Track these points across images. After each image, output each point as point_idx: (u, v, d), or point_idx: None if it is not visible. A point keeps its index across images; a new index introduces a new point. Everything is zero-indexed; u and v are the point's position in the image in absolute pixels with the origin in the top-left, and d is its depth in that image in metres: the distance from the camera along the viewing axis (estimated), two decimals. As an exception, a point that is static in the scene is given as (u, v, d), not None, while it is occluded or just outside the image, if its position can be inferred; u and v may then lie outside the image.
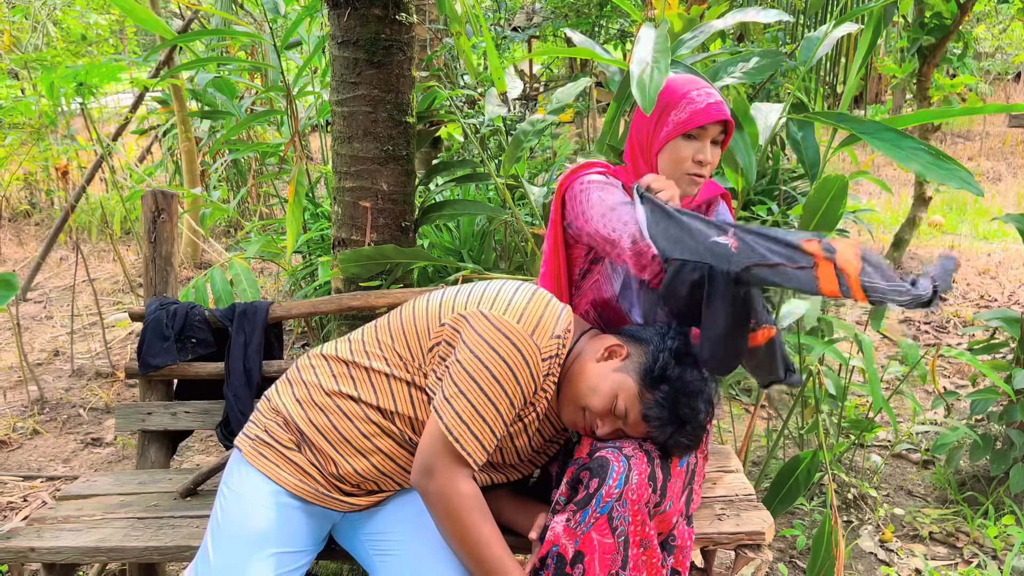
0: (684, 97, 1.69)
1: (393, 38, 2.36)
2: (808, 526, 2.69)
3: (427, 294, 1.70)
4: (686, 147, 1.70)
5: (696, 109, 1.68)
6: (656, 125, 1.73)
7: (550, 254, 1.84)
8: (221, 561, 1.52)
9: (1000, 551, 2.56)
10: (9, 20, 6.01)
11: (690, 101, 1.69)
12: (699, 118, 1.67)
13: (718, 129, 1.71)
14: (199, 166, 5.65)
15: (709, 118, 1.67)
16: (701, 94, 1.69)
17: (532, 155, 4.55)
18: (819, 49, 2.17)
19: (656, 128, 1.73)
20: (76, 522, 1.90)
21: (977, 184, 1.74)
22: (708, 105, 1.68)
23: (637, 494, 1.45)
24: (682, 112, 1.69)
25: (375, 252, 2.40)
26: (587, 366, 1.57)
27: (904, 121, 1.98)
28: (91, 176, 4.72)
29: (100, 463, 3.26)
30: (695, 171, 1.71)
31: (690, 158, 1.70)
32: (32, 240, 6.76)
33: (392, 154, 2.44)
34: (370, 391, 1.59)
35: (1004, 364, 2.79)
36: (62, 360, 4.28)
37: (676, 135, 1.69)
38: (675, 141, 1.70)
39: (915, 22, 4.83)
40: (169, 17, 6.02)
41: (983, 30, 10.27)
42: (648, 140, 1.75)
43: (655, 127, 1.73)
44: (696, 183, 1.73)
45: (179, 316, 2.28)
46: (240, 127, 3.91)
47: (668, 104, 1.71)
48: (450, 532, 1.46)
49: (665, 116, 1.71)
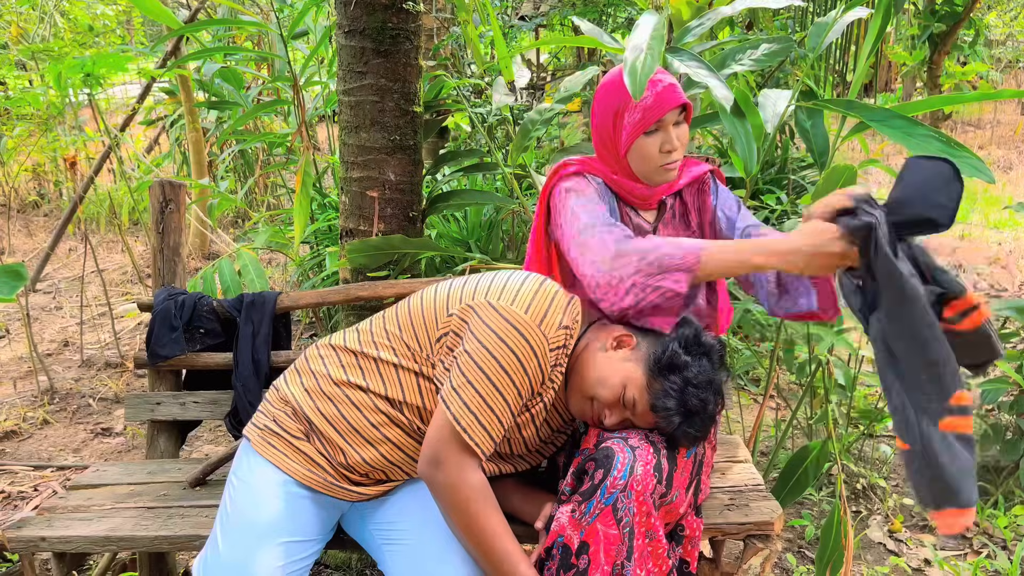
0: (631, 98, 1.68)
1: (400, 27, 2.35)
2: (817, 516, 2.68)
3: (435, 284, 1.70)
4: (649, 143, 1.69)
5: (646, 106, 1.67)
6: (614, 131, 1.73)
7: (533, 255, 1.85)
8: (230, 550, 1.53)
9: (1010, 541, 2.55)
10: (17, 11, 6.02)
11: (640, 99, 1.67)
12: (652, 114, 1.67)
13: (676, 112, 1.69)
14: (206, 156, 5.66)
15: (662, 111, 1.66)
16: (648, 87, 1.67)
17: (539, 144, 4.54)
18: (828, 35, 2.15)
19: (615, 134, 1.73)
20: (86, 511, 1.90)
21: (989, 171, 1.72)
22: (656, 97, 1.66)
23: (642, 485, 1.45)
24: (635, 113, 1.68)
25: (383, 242, 2.39)
26: (595, 356, 1.57)
27: (914, 108, 1.97)
28: (99, 167, 4.73)
29: (110, 453, 3.28)
30: (666, 161, 1.71)
31: (657, 151, 1.70)
32: (41, 231, 6.79)
33: (399, 144, 2.43)
34: (378, 381, 1.59)
35: (1015, 354, 2.77)
36: (72, 350, 4.30)
37: (636, 136, 1.69)
38: (637, 141, 1.70)
39: (926, 9, 4.79)
40: (176, 7, 6.02)
41: (994, 17, 10.18)
42: (612, 144, 1.75)
43: (613, 133, 1.73)
44: (671, 170, 1.73)
45: (187, 307, 2.28)
46: (247, 117, 3.92)
47: (620, 107, 1.70)
48: (457, 523, 1.46)
49: (620, 121, 1.71)
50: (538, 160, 4.12)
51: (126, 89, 8.43)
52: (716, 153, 4.35)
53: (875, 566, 2.44)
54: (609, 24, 5.70)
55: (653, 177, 1.74)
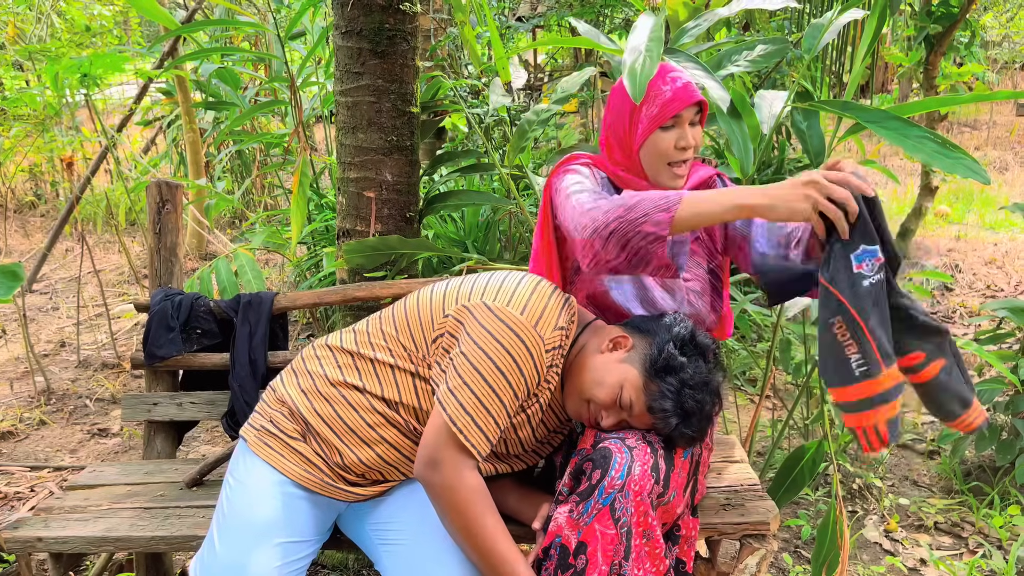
0: (651, 90, 1.69)
1: (397, 28, 2.36)
2: (813, 516, 2.69)
3: (431, 285, 1.70)
4: (665, 138, 1.70)
5: (665, 100, 1.67)
6: (630, 123, 1.73)
7: (539, 251, 1.85)
8: (227, 551, 1.53)
9: (1005, 541, 2.56)
10: (13, 11, 6.01)
11: (658, 93, 1.68)
12: (670, 108, 1.67)
13: (693, 111, 1.70)
14: (203, 157, 5.65)
15: (680, 105, 1.67)
16: (667, 82, 1.69)
17: (536, 145, 4.54)
18: (824, 36, 2.16)
19: (631, 127, 1.73)
20: (83, 512, 1.90)
21: (984, 172, 1.72)
22: (675, 92, 1.67)
23: (640, 485, 1.45)
24: (652, 106, 1.68)
25: (380, 243, 2.39)
26: (591, 357, 1.57)
27: (910, 109, 1.97)
28: (96, 167, 4.73)
29: (106, 453, 3.28)
30: (679, 158, 1.71)
31: (671, 147, 1.70)
32: (38, 231, 6.78)
33: (396, 144, 2.43)
34: (375, 382, 1.60)
35: (1010, 354, 2.78)
36: (68, 351, 4.30)
37: (652, 130, 1.69)
38: (653, 135, 1.70)
39: (922, 10, 4.80)
40: (173, 7, 6.01)
41: (990, 18, 10.19)
42: (626, 138, 1.74)
43: (629, 125, 1.73)
44: (679, 176, 1.73)
45: (184, 307, 2.28)
46: (244, 118, 3.91)
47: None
48: (454, 524, 1.46)
49: (637, 113, 1.71)
50: (535, 161, 4.13)
51: (123, 89, 8.42)
52: (713, 154, 4.36)
53: (871, 566, 2.44)
54: (606, 25, 5.71)
55: (661, 177, 1.73)
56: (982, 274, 5.42)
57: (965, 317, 4.70)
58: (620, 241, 1.50)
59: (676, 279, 1.79)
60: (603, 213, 1.53)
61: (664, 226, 1.48)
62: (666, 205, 1.48)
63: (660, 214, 1.48)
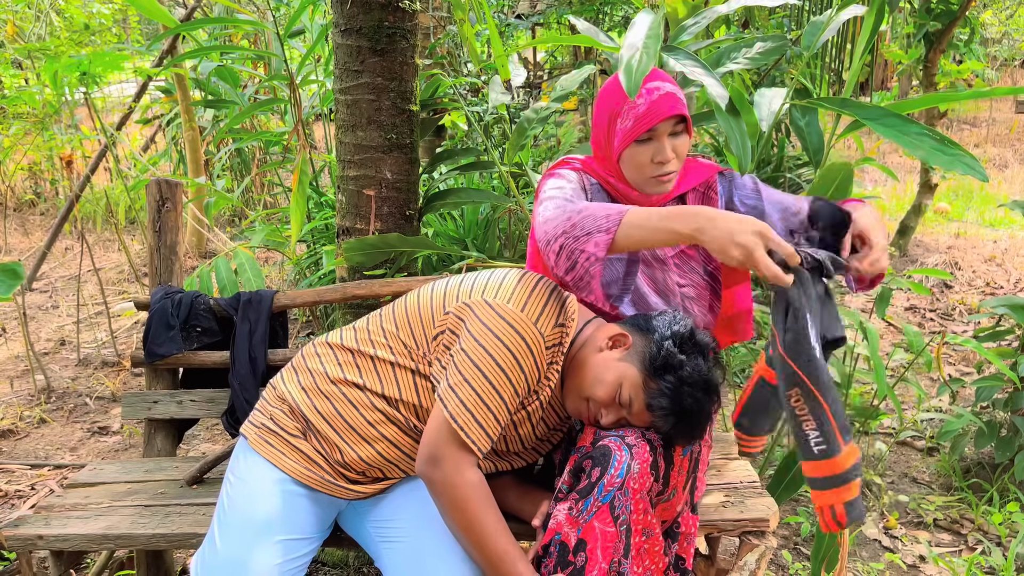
0: (625, 103, 1.62)
1: (396, 26, 2.36)
2: (812, 513, 2.69)
3: (431, 283, 1.70)
4: (641, 152, 1.64)
5: (638, 114, 1.61)
6: (607, 136, 1.68)
7: (534, 253, 1.84)
8: (227, 548, 1.53)
9: (1004, 538, 2.56)
10: (12, 9, 6.00)
11: (631, 106, 1.61)
12: (643, 123, 1.60)
13: (671, 123, 1.62)
14: (203, 155, 5.65)
15: (653, 120, 1.60)
16: (643, 95, 1.60)
17: (536, 143, 4.54)
18: (823, 33, 2.16)
19: (608, 139, 1.68)
20: (84, 510, 1.91)
21: (982, 169, 1.72)
22: (650, 105, 1.60)
23: (639, 483, 1.45)
24: (626, 120, 1.62)
25: (379, 241, 2.40)
26: (591, 356, 1.57)
27: (909, 106, 1.97)
28: (95, 166, 4.72)
29: (107, 451, 3.28)
30: (656, 172, 1.65)
31: (648, 161, 1.64)
32: (37, 230, 6.78)
33: (396, 142, 2.43)
34: (375, 379, 1.60)
35: (1010, 351, 2.78)
36: (68, 349, 4.30)
37: (627, 144, 1.64)
38: (629, 149, 1.64)
39: (921, 8, 4.80)
40: (172, 6, 6.00)
41: (990, 16, 10.19)
42: (606, 149, 1.70)
43: (607, 138, 1.68)
44: (665, 183, 1.67)
45: (184, 305, 2.28)
46: (243, 116, 3.91)
47: (614, 112, 1.65)
48: (455, 521, 1.47)
49: (613, 127, 1.65)
50: (534, 159, 4.13)
51: (122, 88, 8.40)
52: (712, 151, 4.35)
53: (870, 563, 2.45)
54: (605, 23, 5.71)
55: (645, 187, 1.69)
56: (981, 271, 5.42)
57: (964, 314, 4.70)
58: (569, 259, 1.48)
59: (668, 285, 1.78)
60: (553, 227, 1.50)
61: (602, 247, 1.45)
62: (606, 226, 1.45)
63: (599, 235, 1.45)
